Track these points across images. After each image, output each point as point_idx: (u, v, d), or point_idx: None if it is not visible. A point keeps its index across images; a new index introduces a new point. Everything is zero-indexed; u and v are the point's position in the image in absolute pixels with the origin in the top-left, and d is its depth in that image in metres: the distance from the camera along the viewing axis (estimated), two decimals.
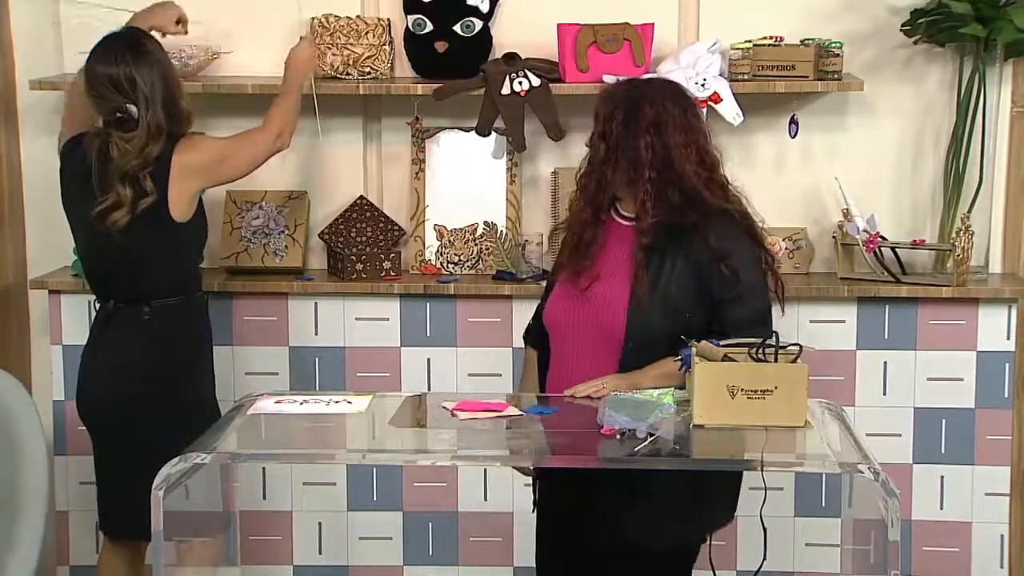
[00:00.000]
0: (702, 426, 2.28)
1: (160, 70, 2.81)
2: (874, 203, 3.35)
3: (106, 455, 2.91)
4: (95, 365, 2.88)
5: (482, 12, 3.28)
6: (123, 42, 2.83)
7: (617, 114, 2.47)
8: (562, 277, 2.56)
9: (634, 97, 2.49)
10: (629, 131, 2.46)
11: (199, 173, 2.85)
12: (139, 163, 2.77)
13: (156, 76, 2.80)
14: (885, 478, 2.11)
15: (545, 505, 2.60)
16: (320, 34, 3.28)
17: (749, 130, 3.33)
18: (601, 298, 2.48)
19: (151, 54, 2.82)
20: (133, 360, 2.85)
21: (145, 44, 2.84)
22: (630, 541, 2.43)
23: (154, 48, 2.85)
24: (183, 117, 2.86)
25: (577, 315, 2.50)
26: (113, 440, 2.87)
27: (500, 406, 2.41)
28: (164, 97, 2.80)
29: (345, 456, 2.45)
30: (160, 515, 2.14)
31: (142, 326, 2.84)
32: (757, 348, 2.33)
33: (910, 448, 3.34)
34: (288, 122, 3.01)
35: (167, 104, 2.80)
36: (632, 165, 2.46)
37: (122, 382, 2.84)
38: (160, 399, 2.84)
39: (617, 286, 2.47)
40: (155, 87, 2.79)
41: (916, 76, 3.34)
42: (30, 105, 3.38)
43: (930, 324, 3.29)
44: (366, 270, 3.33)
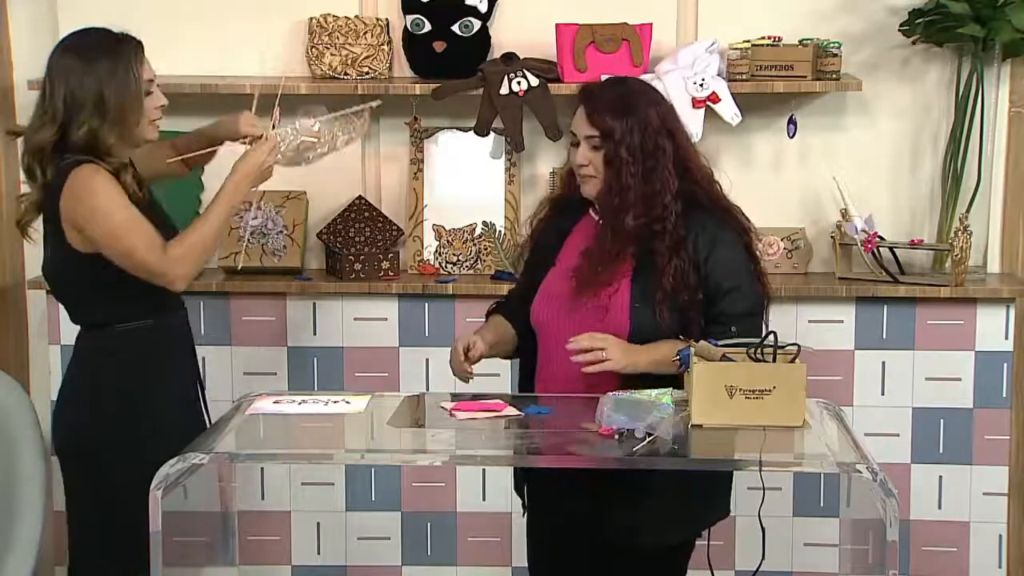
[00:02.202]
0: (700, 426, 2.28)
1: (89, 67, 2.44)
2: (872, 203, 3.35)
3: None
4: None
5: (480, 12, 3.28)
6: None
7: (627, 116, 2.45)
8: (549, 276, 2.54)
9: (634, 99, 2.48)
10: (646, 133, 2.44)
11: (72, 226, 2.46)
12: (31, 149, 2.49)
13: (77, 63, 2.45)
14: (883, 478, 2.11)
15: (538, 507, 2.59)
16: (318, 34, 3.28)
17: (747, 130, 3.33)
18: (602, 300, 2.48)
19: (94, 50, 2.47)
20: (66, 391, 2.60)
21: (100, 40, 2.50)
22: (627, 538, 2.43)
23: (112, 49, 2.48)
24: (92, 138, 2.44)
25: (575, 317, 2.48)
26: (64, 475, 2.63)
27: (499, 406, 2.40)
28: (78, 94, 2.43)
29: (343, 456, 2.45)
30: (158, 515, 2.13)
31: (75, 353, 2.58)
32: (755, 348, 2.33)
33: (908, 448, 3.35)
34: (195, 259, 2.47)
35: (77, 102, 2.44)
36: (650, 167, 2.44)
37: (56, 413, 2.62)
38: (85, 438, 2.54)
39: (617, 287, 2.47)
40: (71, 71, 2.45)
41: (914, 76, 3.34)
42: (28, 105, 3.37)
43: (928, 324, 3.30)
44: (364, 270, 3.32)
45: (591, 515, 2.45)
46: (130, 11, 3.28)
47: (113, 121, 2.45)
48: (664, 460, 2.22)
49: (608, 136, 2.43)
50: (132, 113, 2.47)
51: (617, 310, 2.47)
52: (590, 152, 2.45)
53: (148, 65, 2.53)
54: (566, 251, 2.54)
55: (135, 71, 2.47)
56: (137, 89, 2.47)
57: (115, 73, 2.45)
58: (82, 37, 2.55)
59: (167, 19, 3.30)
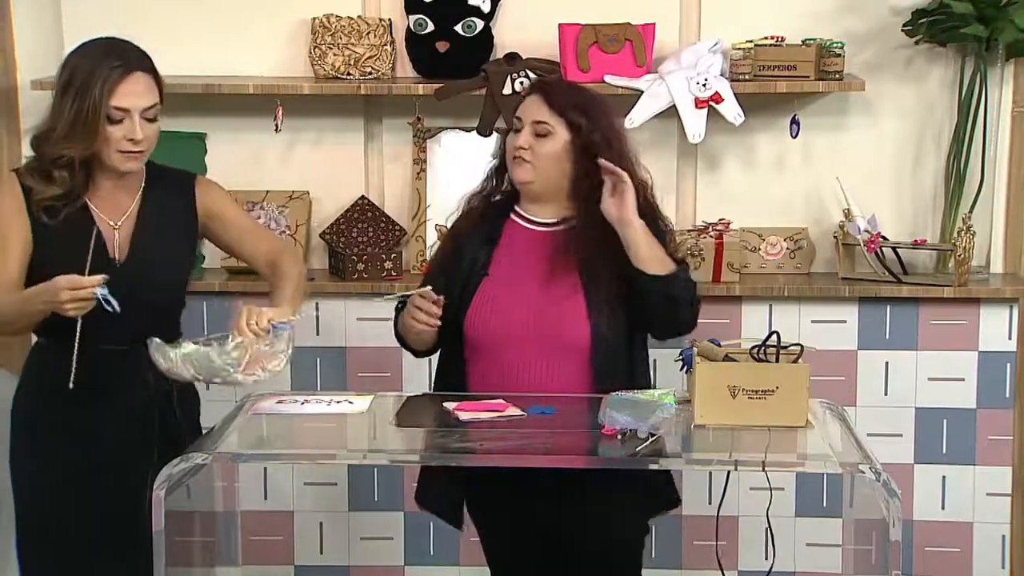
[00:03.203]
0: (703, 426, 2.28)
1: (65, 77, 2.32)
2: (875, 203, 3.35)
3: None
4: None
5: (483, 12, 3.28)
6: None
7: (590, 113, 2.47)
8: (488, 287, 2.49)
9: (592, 103, 2.51)
10: (617, 140, 2.48)
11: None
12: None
13: (62, 71, 2.34)
14: (886, 478, 2.10)
15: (488, 510, 2.54)
16: (321, 34, 3.28)
17: (750, 130, 3.33)
18: (556, 309, 2.46)
19: (79, 60, 2.34)
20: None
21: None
22: (580, 533, 2.43)
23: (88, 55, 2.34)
24: (37, 143, 2.36)
25: (525, 327, 2.46)
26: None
27: (501, 406, 2.40)
28: (54, 101, 2.34)
29: (346, 456, 2.45)
30: (161, 515, 2.14)
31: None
32: (758, 348, 2.33)
33: (911, 448, 3.34)
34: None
35: (51, 109, 2.34)
36: (588, 168, 2.45)
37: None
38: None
39: (567, 295, 2.46)
40: (58, 76, 2.35)
41: (917, 76, 3.34)
42: (31, 105, 3.38)
43: (931, 324, 3.29)
44: (367, 270, 3.33)
45: (545, 511, 2.44)
46: (133, 10, 3.30)
47: (61, 136, 2.32)
48: (667, 460, 2.22)
49: (570, 127, 2.45)
50: (82, 137, 2.31)
51: (575, 317, 2.45)
52: (532, 138, 2.46)
53: (129, 92, 2.33)
54: (498, 260, 2.51)
55: (97, 94, 2.29)
56: (94, 113, 2.29)
57: (80, 90, 2.30)
58: (81, 47, 2.41)
59: (169, 18, 3.30)
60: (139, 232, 2.42)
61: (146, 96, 2.35)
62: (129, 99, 2.33)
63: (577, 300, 2.46)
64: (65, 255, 2.32)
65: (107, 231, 2.40)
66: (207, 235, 2.57)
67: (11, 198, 2.37)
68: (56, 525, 2.41)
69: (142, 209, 2.44)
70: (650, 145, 3.29)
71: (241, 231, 2.56)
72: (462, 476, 2.49)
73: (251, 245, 2.57)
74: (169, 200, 2.47)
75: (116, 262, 2.39)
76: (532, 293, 2.48)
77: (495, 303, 2.49)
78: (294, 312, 2.38)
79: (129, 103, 2.33)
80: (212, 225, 2.54)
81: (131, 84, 2.33)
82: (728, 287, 3.28)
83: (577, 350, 2.46)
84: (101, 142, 2.32)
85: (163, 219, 2.45)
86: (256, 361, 2.26)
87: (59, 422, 2.40)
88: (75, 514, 2.39)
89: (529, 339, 2.45)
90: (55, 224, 2.35)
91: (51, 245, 2.36)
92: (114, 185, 2.41)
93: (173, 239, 2.48)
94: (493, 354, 2.48)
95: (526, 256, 2.51)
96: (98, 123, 2.31)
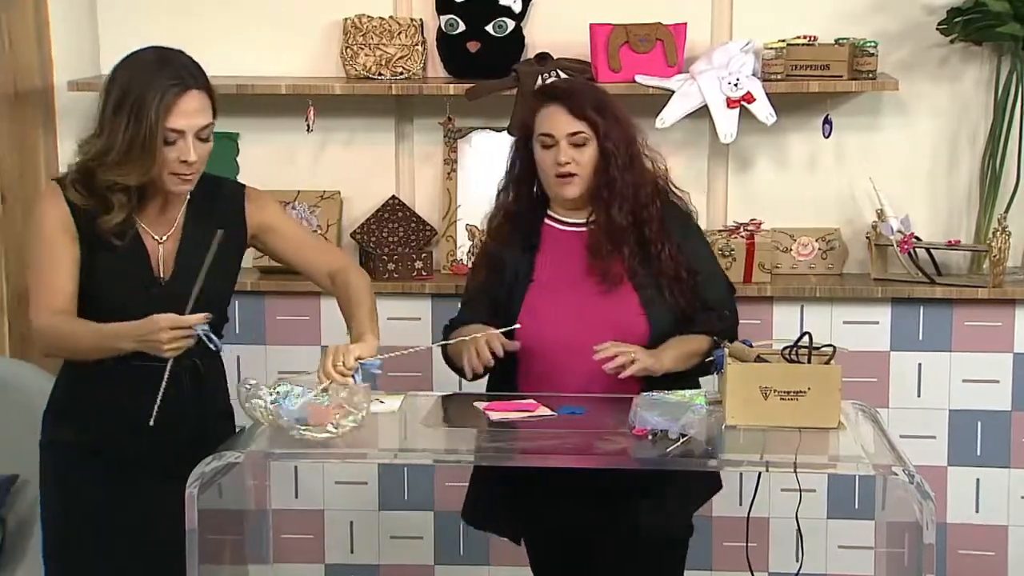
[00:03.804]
0: (734, 427, 2.27)
1: (114, 98, 2.20)
2: (909, 203, 3.32)
3: None
4: None
5: (514, 12, 3.28)
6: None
7: (605, 109, 2.47)
8: (534, 293, 2.49)
9: (604, 94, 2.52)
10: (621, 125, 2.48)
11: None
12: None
13: (111, 88, 2.22)
14: (920, 480, 2.09)
15: (538, 518, 2.52)
16: (353, 34, 3.29)
17: (782, 130, 3.31)
18: (612, 308, 2.46)
19: (127, 78, 2.21)
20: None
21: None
22: (630, 532, 2.43)
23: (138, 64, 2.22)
24: (86, 167, 2.25)
25: (579, 328, 2.45)
26: None
27: (531, 406, 2.40)
28: (101, 121, 2.23)
29: (376, 455, 2.46)
30: (195, 513, 2.15)
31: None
32: (790, 349, 2.31)
33: (945, 450, 3.31)
34: (48, 345, 2.29)
35: (99, 127, 2.24)
36: (632, 156, 2.47)
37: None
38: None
39: (618, 291, 2.46)
40: (106, 91, 2.23)
41: (952, 75, 3.31)
42: (67, 106, 3.41)
43: (965, 325, 3.26)
44: (398, 270, 3.33)
45: (596, 513, 2.43)
46: (167, 11, 3.33)
47: (117, 162, 2.19)
48: (698, 461, 2.21)
49: (594, 129, 2.44)
50: (139, 162, 2.19)
51: (630, 312, 2.46)
52: (572, 150, 2.44)
53: (184, 112, 2.21)
54: (542, 266, 2.51)
55: (153, 116, 2.17)
56: (150, 138, 2.18)
57: (135, 111, 2.17)
58: (130, 59, 2.26)
59: (202, 19, 3.33)
60: (184, 248, 2.32)
61: (200, 116, 2.23)
62: (184, 120, 2.21)
63: (630, 295, 2.46)
64: (115, 272, 2.26)
65: (151, 246, 2.31)
66: (258, 247, 2.49)
67: (57, 211, 2.26)
68: (87, 544, 2.34)
69: (187, 224, 2.33)
70: (681, 145, 3.28)
71: (298, 243, 2.45)
72: (508, 484, 2.47)
73: (310, 257, 2.46)
74: (216, 214, 2.34)
75: (161, 280, 2.31)
76: (581, 294, 2.48)
77: (545, 308, 2.48)
78: (376, 337, 2.28)
79: (184, 124, 2.21)
80: (265, 238, 2.44)
81: (187, 103, 2.20)
82: (759, 288, 3.27)
83: (636, 344, 2.44)
84: (158, 166, 2.21)
85: (210, 234, 2.29)
86: (330, 412, 2.18)
87: (89, 439, 2.32)
88: (107, 533, 2.33)
89: (583, 339, 2.44)
90: (105, 240, 2.27)
91: (101, 261, 2.27)
92: (161, 199, 2.31)
93: (224, 257, 2.33)
94: (547, 358, 2.47)
95: (568, 258, 2.50)
96: (156, 147, 2.19)
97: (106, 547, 2.32)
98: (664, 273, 2.46)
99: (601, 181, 2.46)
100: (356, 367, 2.23)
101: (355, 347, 2.26)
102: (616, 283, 2.47)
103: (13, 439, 2.69)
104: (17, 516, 2.73)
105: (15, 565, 2.67)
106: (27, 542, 2.69)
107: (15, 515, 2.73)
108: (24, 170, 3.33)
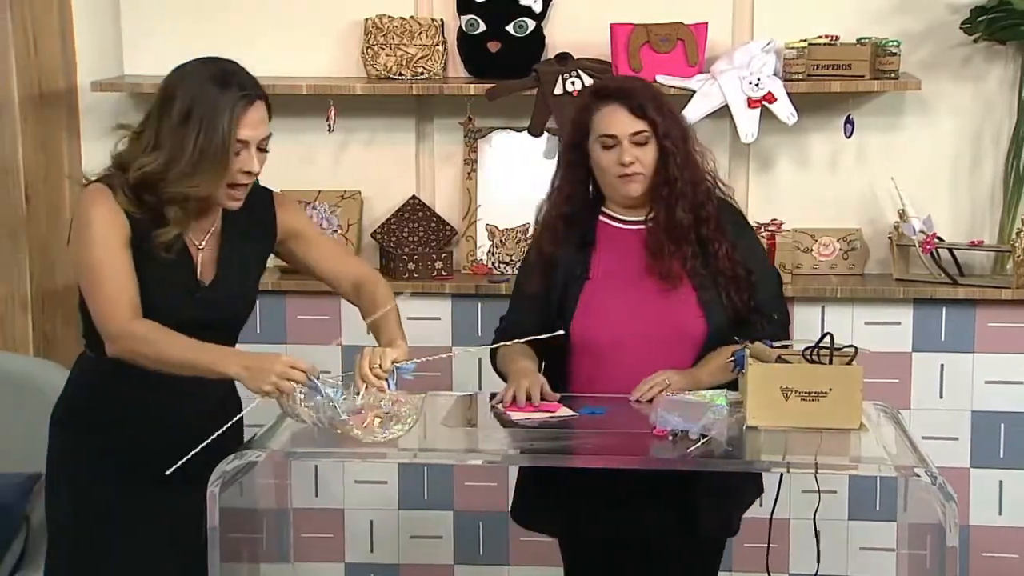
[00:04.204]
0: (755, 428, 2.26)
1: (184, 108, 2.17)
2: (931, 204, 3.30)
3: None
4: None
5: (535, 12, 3.28)
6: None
7: (663, 107, 2.48)
8: (591, 291, 2.49)
9: (658, 92, 2.54)
10: (678, 123, 2.50)
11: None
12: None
13: (176, 100, 2.20)
14: (942, 482, 2.08)
15: (576, 520, 2.51)
16: (374, 35, 3.30)
17: (803, 130, 3.30)
18: (671, 307, 2.46)
19: (197, 89, 2.18)
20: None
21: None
22: (670, 535, 2.43)
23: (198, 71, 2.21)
24: (147, 179, 2.21)
25: (636, 327, 2.45)
26: None
27: (552, 407, 2.40)
28: (161, 133, 2.20)
29: (396, 455, 2.45)
30: (216, 511, 2.16)
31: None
32: (811, 350, 2.30)
33: (967, 452, 3.29)
34: (140, 353, 2.20)
35: (158, 137, 2.21)
36: (688, 153, 2.48)
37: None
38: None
39: (675, 290, 2.46)
40: (168, 101, 2.21)
41: (975, 75, 3.29)
42: (90, 106, 3.43)
43: (988, 326, 3.24)
44: (418, 270, 3.34)
45: (634, 516, 2.43)
46: (188, 12, 3.34)
47: (186, 174, 2.18)
48: (718, 462, 2.20)
49: (654, 128, 2.44)
50: (210, 173, 2.19)
51: (689, 312, 2.46)
52: (635, 149, 2.44)
53: (251, 123, 2.20)
54: (597, 264, 2.51)
55: (225, 127, 2.17)
56: (223, 149, 2.18)
57: (206, 122, 2.16)
58: (187, 71, 2.24)
59: (224, 19, 3.34)
60: (223, 253, 2.33)
61: (263, 126, 2.24)
62: (250, 130, 2.21)
63: (688, 295, 2.46)
64: (161, 277, 2.25)
65: (192, 251, 2.31)
66: (281, 252, 2.47)
67: (113, 214, 2.22)
68: (97, 545, 2.33)
69: (225, 229, 2.34)
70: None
71: (323, 251, 2.46)
72: (550, 484, 2.47)
73: (335, 266, 2.46)
74: (250, 218, 2.34)
75: (203, 284, 2.31)
76: (638, 292, 2.48)
77: (601, 306, 2.48)
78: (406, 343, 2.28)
79: (250, 135, 2.21)
80: (292, 244, 2.43)
81: (254, 114, 2.21)
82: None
83: (692, 344, 2.45)
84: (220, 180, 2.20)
85: (244, 238, 2.34)
86: (370, 411, 2.19)
87: (105, 441, 2.32)
88: (117, 534, 2.32)
89: (641, 338, 2.45)
90: (156, 251, 2.25)
91: (147, 266, 2.25)
92: (200, 206, 2.30)
93: (253, 259, 2.39)
94: (602, 356, 2.47)
95: (624, 256, 2.50)
96: (227, 158, 2.18)
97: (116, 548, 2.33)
98: (722, 272, 2.46)
99: (661, 179, 2.46)
100: (392, 370, 2.24)
101: (391, 350, 2.27)
102: (676, 282, 2.46)
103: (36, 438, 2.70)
104: (40, 514, 2.74)
105: (38, 562, 2.68)
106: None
107: (39, 513, 2.74)
108: (48, 171, 3.35)
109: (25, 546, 2.76)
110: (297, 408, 2.20)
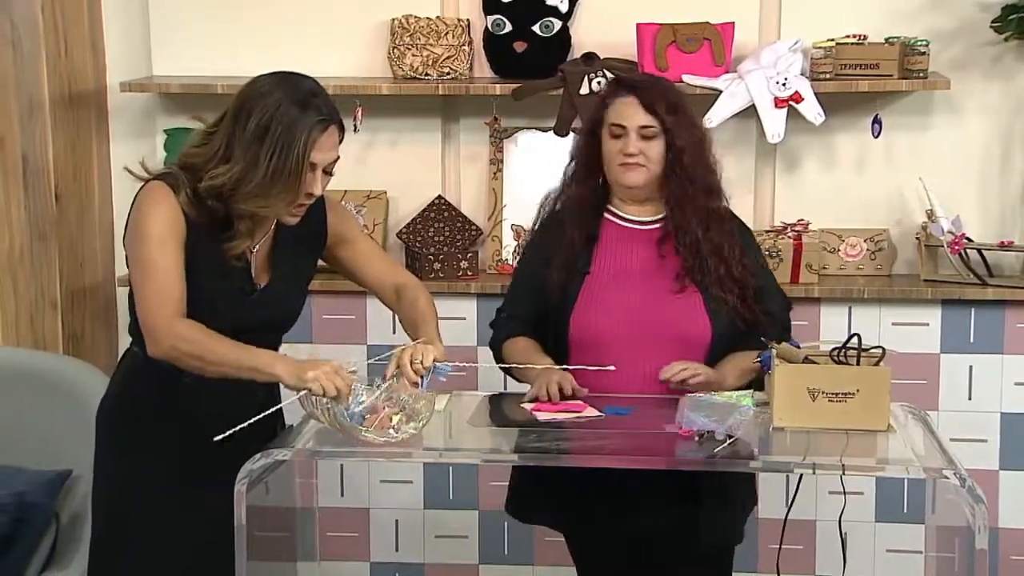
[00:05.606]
0: (782, 428, 2.26)
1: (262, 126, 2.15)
2: (960, 204, 3.28)
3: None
4: None
5: (561, 12, 3.28)
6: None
7: (678, 110, 2.48)
8: (592, 285, 2.49)
9: (677, 92, 2.53)
10: (694, 125, 2.50)
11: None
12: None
13: (255, 117, 2.17)
14: (971, 484, 2.06)
15: (588, 521, 2.50)
16: (400, 35, 3.31)
17: (831, 130, 3.28)
18: (677, 309, 2.46)
19: (278, 109, 2.17)
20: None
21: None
22: (683, 541, 2.42)
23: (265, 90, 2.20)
24: (219, 190, 2.20)
25: (633, 325, 2.45)
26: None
27: (579, 407, 2.40)
28: (236, 148, 2.19)
29: (422, 454, 2.46)
30: (243, 510, 2.17)
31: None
32: (839, 351, 2.29)
33: (996, 454, 3.27)
34: (183, 352, 2.18)
35: (232, 152, 2.20)
36: (701, 153, 2.48)
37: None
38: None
39: (681, 292, 2.46)
40: (244, 115, 2.20)
41: (1005, 74, 3.26)
42: (119, 107, 3.46)
43: (1018, 327, 3.22)
44: (443, 270, 3.35)
45: (637, 516, 2.42)
46: (217, 13, 3.36)
47: (256, 193, 2.17)
48: (745, 463, 2.20)
49: (664, 126, 2.45)
50: (283, 192, 2.17)
51: (695, 314, 2.45)
52: (642, 142, 2.46)
53: (324, 148, 2.19)
54: (599, 259, 2.51)
55: (301, 149, 2.15)
56: (296, 172, 2.16)
57: (282, 142, 2.14)
58: (268, 87, 2.23)
59: (251, 19, 3.36)
60: (276, 256, 2.34)
61: (334, 151, 2.23)
62: (322, 154, 2.19)
63: (694, 297, 2.46)
64: (218, 279, 2.25)
65: (247, 254, 2.31)
66: (327, 257, 2.45)
67: (173, 214, 2.20)
68: (143, 541, 2.34)
69: (277, 232, 2.33)
70: (729, 145, 3.26)
71: (369, 257, 2.46)
72: (550, 478, 2.46)
73: (378, 272, 2.46)
74: (302, 222, 2.31)
75: (258, 286, 2.32)
76: (638, 291, 2.48)
77: (600, 303, 2.49)
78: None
79: (321, 158, 2.20)
80: (339, 249, 2.43)
81: (328, 139, 2.20)
82: (807, 288, 3.24)
83: (697, 348, 2.45)
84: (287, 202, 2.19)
85: (296, 242, 2.34)
86: (387, 418, 2.19)
87: (152, 436, 2.33)
88: (166, 531, 2.33)
89: (643, 338, 2.45)
90: (217, 255, 2.25)
91: (205, 267, 2.25)
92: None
93: (304, 263, 2.39)
94: (599, 352, 2.46)
95: (627, 255, 2.50)
96: (300, 180, 2.17)
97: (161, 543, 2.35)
98: (731, 276, 2.46)
99: (671, 180, 2.47)
100: (432, 367, 2.25)
101: (432, 348, 2.28)
102: (682, 284, 2.47)
103: (66, 436, 2.73)
104: (70, 511, 2.77)
105: (69, 559, 2.71)
106: (80, 537, 2.73)
107: (68, 510, 2.77)
108: (77, 170, 3.38)
109: (55, 543, 2.78)
110: (316, 410, 2.21)
